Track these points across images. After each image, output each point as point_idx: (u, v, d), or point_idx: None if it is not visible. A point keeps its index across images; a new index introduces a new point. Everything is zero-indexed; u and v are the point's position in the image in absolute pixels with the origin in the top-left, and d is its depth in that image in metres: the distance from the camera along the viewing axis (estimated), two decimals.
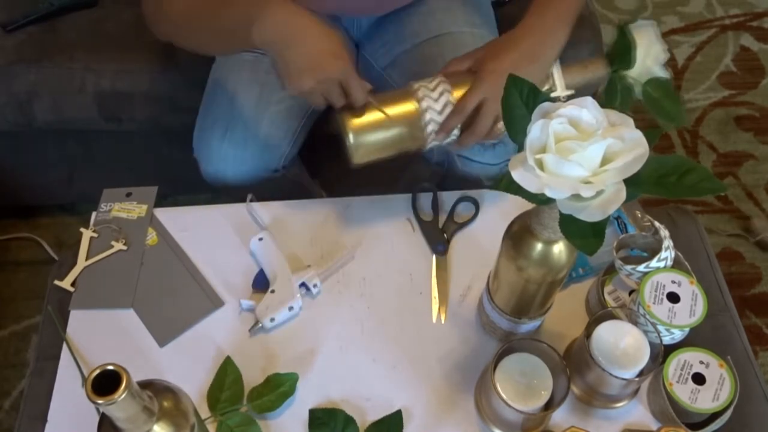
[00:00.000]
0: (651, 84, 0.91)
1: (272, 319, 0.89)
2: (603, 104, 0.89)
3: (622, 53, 0.90)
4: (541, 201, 0.61)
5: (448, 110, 0.87)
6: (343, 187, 1.16)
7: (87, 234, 0.98)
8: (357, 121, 0.85)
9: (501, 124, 0.89)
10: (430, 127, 0.88)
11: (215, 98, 1.10)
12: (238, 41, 0.87)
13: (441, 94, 0.87)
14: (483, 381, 0.84)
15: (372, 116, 0.86)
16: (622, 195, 0.57)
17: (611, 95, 0.94)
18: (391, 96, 0.88)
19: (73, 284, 0.93)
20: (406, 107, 0.87)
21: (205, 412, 0.83)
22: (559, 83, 0.91)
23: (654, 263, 0.85)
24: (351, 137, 0.85)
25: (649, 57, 0.90)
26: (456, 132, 0.90)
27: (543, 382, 0.78)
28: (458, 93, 0.87)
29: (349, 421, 0.82)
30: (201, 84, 1.17)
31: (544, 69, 0.90)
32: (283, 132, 1.10)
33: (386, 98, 0.87)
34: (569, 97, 0.92)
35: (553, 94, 0.91)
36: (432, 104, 0.87)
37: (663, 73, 0.91)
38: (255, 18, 0.81)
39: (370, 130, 0.86)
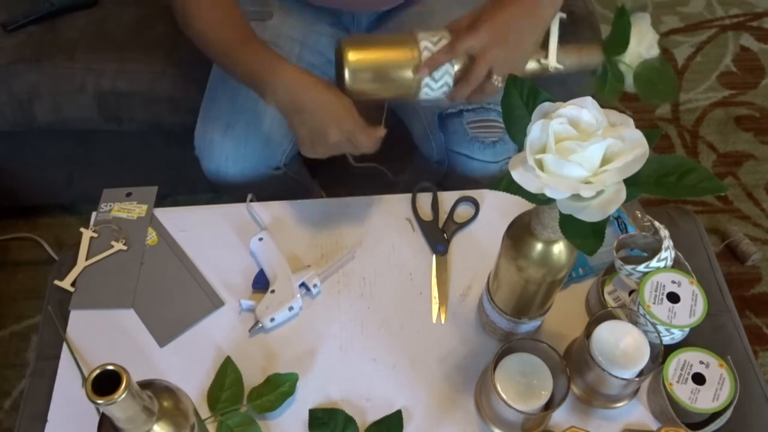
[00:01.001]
0: (643, 65, 0.92)
1: (272, 319, 0.89)
2: (594, 91, 0.89)
3: (618, 34, 0.91)
4: (541, 201, 0.61)
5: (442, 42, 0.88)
6: (343, 187, 1.16)
7: (87, 234, 0.98)
8: (356, 54, 0.86)
9: (497, 79, 0.88)
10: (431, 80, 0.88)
11: (216, 95, 1.10)
12: (251, 87, 0.93)
13: (440, 39, 0.87)
14: (483, 381, 0.84)
15: (371, 53, 0.87)
16: (622, 195, 0.57)
17: (602, 82, 0.95)
18: (392, 38, 0.91)
19: (73, 284, 0.93)
20: (406, 51, 0.87)
21: (205, 412, 0.83)
22: (552, 55, 0.92)
23: (654, 263, 0.85)
24: (347, 69, 0.86)
25: (642, 45, 0.92)
26: (449, 83, 0.89)
27: (543, 382, 0.78)
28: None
29: (349, 421, 0.82)
30: (201, 84, 1.17)
31: (540, 26, 0.90)
32: (285, 129, 1.10)
33: (387, 39, 0.90)
34: (560, 77, 0.94)
35: (543, 61, 0.91)
36: (429, 46, 0.87)
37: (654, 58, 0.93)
38: (266, 82, 0.89)
39: (367, 66, 0.87)
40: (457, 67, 0.88)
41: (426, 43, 0.87)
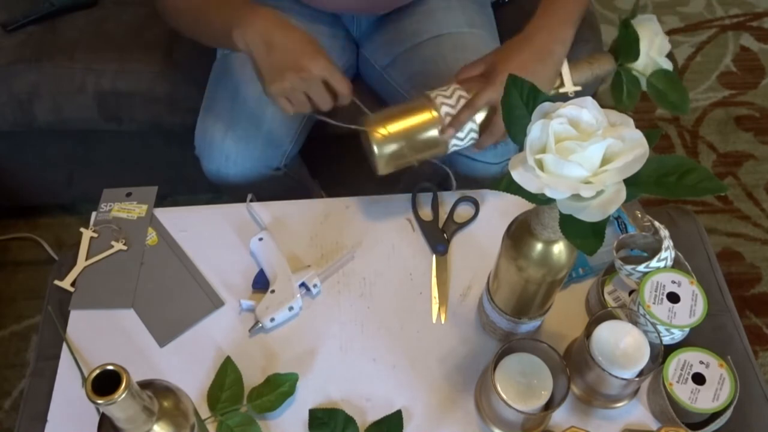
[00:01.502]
0: (655, 76, 0.94)
1: (272, 319, 0.89)
2: (613, 101, 0.89)
3: (626, 47, 0.92)
4: (541, 201, 0.61)
5: (461, 102, 0.90)
6: (343, 187, 1.16)
7: (87, 234, 0.98)
8: (381, 131, 0.89)
9: None
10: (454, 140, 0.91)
11: (217, 95, 1.10)
12: (224, 42, 0.90)
13: (458, 100, 0.90)
14: (483, 381, 0.84)
15: (394, 126, 0.90)
16: (622, 195, 0.57)
17: (618, 89, 0.96)
18: (409, 106, 0.92)
19: (73, 284, 0.93)
20: (426, 115, 0.90)
21: (205, 412, 0.83)
22: (567, 80, 0.93)
23: (654, 263, 0.85)
24: (376, 148, 0.89)
25: (653, 49, 0.92)
26: (475, 135, 0.92)
27: (543, 382, 0.78)
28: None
29: (349, 421, 0.82)
30: (201, 84, 1.17)
31: (554, 67, 0.92)
32: (285, 129, 1.10)
33: (405, 108, 0.91)
34: (577, 94, 0.94)
35: (561, 90, 0.93)
36: (450, 110, 0.90)
37: (667, 65, 0.94)
38: (237, 24, 0.86)
39: (394, 140, 0.89)
40: (479, 118, 0.91)
41: (446, 108, 0.90)
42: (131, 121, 1.35)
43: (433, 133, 0.90)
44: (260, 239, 0.95)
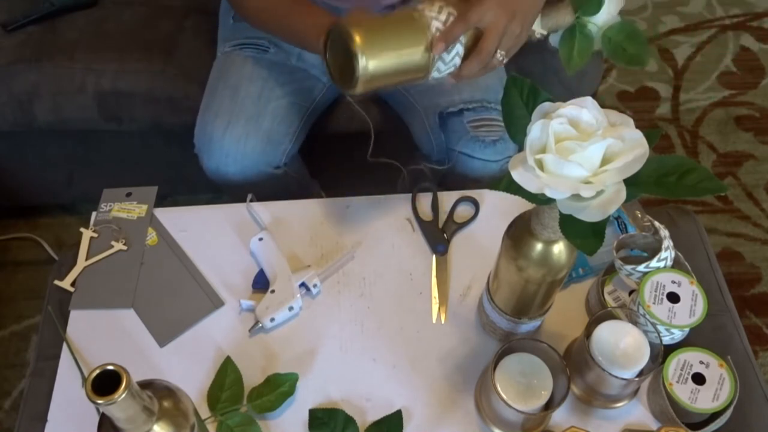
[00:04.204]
0: (613, 29, 0.89)
1: (272, 319, 0.89)
2: (561, 59, 0.85)
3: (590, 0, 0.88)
4: (541, 201, 0.61)
5: (450, 19, 0.80)
6: (343, 187, 1.16)
7: (87, 234, 0.98)
8: (369, 42, 0.76)
9: (501, 53, 0.83)
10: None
11: (217, 93, 1.10)
12: (306, 47, 0.95)
13: (447, 16, 0.80)
14: (483, 381, 0.84)
15: (382, 38, 0.77)
16: (622, 195, 0.57)
17: (569, 45, 0.91)
18: (395, 17, 0.80)
19: (73, 284, 0.93)
20: (415, 28, 0.79)
21: (205, 412, 0.83)
22: (537, 22, 0.89)
23: (654, 263, 0.85)
24: (362, 61, 0.75)
25: (612, 3, 0.89)
26: (458, 61, 0.83)
27: (543, 382, 0.78)
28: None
29: (349, 421, 0.82)
30: (201, 84, 1.17)
31: None
32: (285, 128, 1.10)
33: (392, 19, 0.80)
34: (544, 38, 0.91)
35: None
36: (440, 26, 0.79)
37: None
38: (318, 34, 0.83)
39: (380, 54, 0.77)
40: (463, 41, 0.82)
41: (436, 23, 0.79)
42: (131, 121, 1.35)
43: (420, 49, 0.78)
44: (260, 239, 0.95)
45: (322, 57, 0.82)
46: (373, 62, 0.75)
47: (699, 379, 0.81)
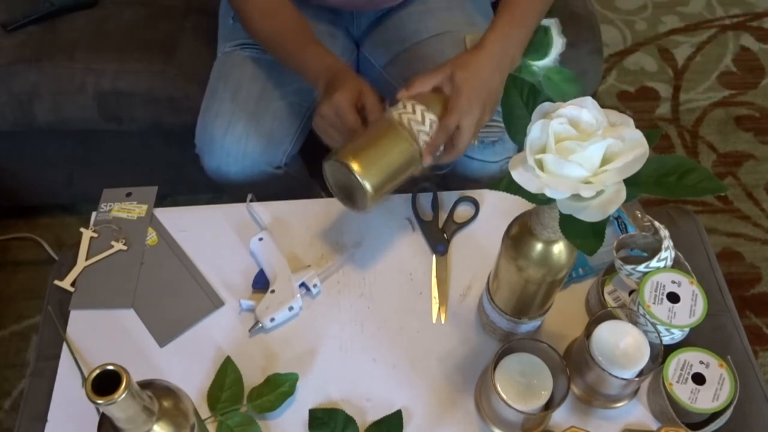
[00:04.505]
0: (553, 71, 1.02)
1: (272, 319, 0.89)
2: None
3: (541, 47, 1.00)
4: (541, 201, 0.61)
5: (428, 121, 0.86)
6: None
7: (87, 234, 0.98)
8: (370, 173, 0.83)
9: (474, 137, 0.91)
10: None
11: (218, 93, 1.10)
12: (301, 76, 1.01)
13: (431, 124, 0.87)
14: (483, 381, 0.84)
15: (379, 163, 0.84)
16: (622, 195, 0.57)
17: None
18: (383, 134, 0.86)
19: (73, 284, 0.93)
20: (406, 145, 0.85)
21: (205, 412, 0.83)
22: None
23: (654, 263, 0.85)
24: (368, 189, 0.83)
25: (555, 50, 1.01)
26: (439, 151, 0.90)
27: (543, 382, 0.78)
28: (435, 110, 0.87)
29: (349, 421, 0.82)
30: (201, 84, 1.17)
31: (511, 69, 0.94)
32: (286, 128, 1.10)
33: (382, 140, 0.86)
34: None
35: None
36: (425, 137, 0.86)
37: (559, 64, 1.04)
38: (306, 77, 0.98)
39: (380, 177, 0.84)
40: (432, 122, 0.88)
41: (423, 136, 0.86)
42: (131, 121, 1.35)
43: (412, 159, 0.86)
44: (260, 239, 0.95)
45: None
46: (375, 186, 0.83)
47: (699, 379, 0.81)
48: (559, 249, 0.71)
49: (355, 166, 0.82)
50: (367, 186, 0.83)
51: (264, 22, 1.03)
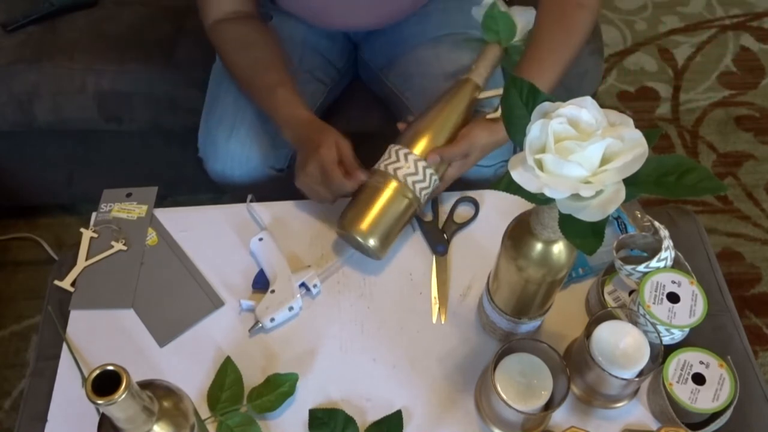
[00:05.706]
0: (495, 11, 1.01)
1: (272, 319, 0.89)
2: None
3: (503, 28, 1.00)
4: (541, 201, 0.61)
5: (421, 169, 0.92)
6: None
7: (87, 234, 0.98)
8: (365, 232, 0.90)
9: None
10: (423, 192, 0.93)
11: (219, 97, 1.10)
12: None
13: (430, 178, 0.93)
14: (483, 381, 0.84)
15: (383, 227, 0.91)
16: (622, 195, 0.57)
17: (514, 61, 1.01)
18: (375, 193, 0.91)
19: (73, 284, 0.93)
20: (406, 203, 0.92)
21: (205, 412, 0.83)
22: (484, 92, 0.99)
23: (654, 263, 0.85)
24: (376, 253, 0.91)
25: (522, 22, 1.01)
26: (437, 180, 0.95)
27: (543, 382, 0.78)
28: (417, 150, 0.93)
29: (349, 421, 0.82)
30: (201, 84, 1.17)
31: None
32: None
33: (384, 203, 0.91)
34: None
35: (481, 96, 0.98)
36: (426, 192, 0.93)
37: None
38: (275, 122, 0.98)
39: (386, 236, 0.91)
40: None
41: (424, 192, 0.93)
42: (131, 121, 1.36)
43: (410, 207, 0.93)
44: (260, 239, 0.95)
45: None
46: (382, 241, 0.91)
47: (699, 379, 0.81)
48: (559, 249, 0.71)
49: (359, 235, 0.90)
50: (375, 244, 0.90)
51: (239, 54, 1.02)
